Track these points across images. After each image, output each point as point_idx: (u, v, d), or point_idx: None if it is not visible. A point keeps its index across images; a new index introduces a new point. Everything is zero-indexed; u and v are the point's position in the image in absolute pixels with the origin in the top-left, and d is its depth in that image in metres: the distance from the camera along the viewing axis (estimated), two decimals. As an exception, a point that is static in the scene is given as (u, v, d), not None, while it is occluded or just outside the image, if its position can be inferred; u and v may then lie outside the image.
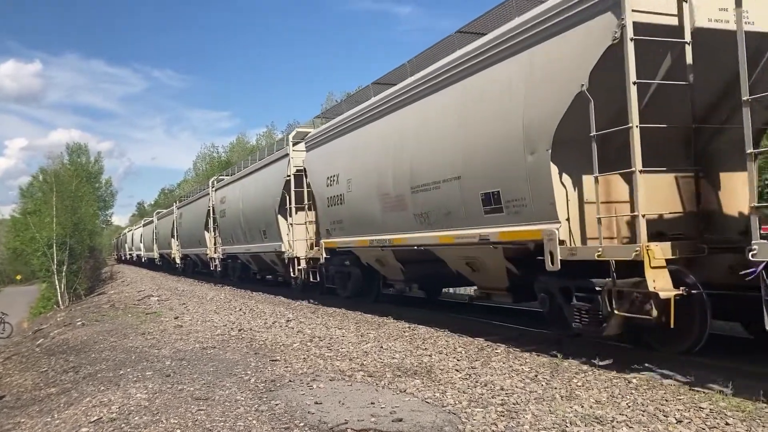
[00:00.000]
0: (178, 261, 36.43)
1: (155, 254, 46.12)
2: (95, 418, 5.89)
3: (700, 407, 5.18)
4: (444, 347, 8.54)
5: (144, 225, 57.22)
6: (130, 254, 68.27)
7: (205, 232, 27.96)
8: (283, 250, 17.71)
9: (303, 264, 16.75)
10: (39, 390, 8.58)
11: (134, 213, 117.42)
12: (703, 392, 5.68)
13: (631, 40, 6.38)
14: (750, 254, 5.43)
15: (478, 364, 7.35)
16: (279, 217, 17.84)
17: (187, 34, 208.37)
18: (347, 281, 15.00)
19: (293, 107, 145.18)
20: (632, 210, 6.75)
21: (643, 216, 6.47)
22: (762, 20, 6.50)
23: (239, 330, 11.39)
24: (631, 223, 6.91)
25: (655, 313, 6.37)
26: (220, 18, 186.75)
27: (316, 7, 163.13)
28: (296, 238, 17.03)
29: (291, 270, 17.48)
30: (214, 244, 26.82)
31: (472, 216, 9.09)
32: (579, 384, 6.17)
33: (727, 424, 4.77)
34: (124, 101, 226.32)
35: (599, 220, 6.96)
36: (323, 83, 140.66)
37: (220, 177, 28.01)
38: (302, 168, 16.38)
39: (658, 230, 7.12)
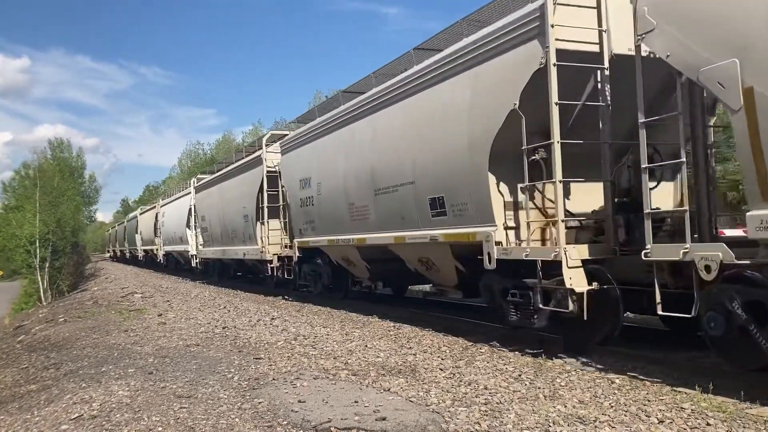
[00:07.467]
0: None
1: (246, 253, 19.18)
2: (76, 415, 5.83)
3: (682, 408, 5.22)
4: (428, 346, 8.55)
5: (200, 189, 25.33)
6: (146, 251, 41.15)
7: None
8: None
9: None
10: (19, 387, 8.47)
11: (118, 210, 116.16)
12: (685, 393, 5.73)
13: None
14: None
15: (462, 363, 7.36)
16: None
17: (174, 31, 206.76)
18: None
19: (280, 105, 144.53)
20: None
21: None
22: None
23: (223, 328, 11.33)
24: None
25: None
26: (207, 15, 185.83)
27: (304, 6, 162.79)
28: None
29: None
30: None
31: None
32: (562, 384, 6.20)
33: (708, 424, 4.81)
34: (109, 97, 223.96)
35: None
36: (311, 81, 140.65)
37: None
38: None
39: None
